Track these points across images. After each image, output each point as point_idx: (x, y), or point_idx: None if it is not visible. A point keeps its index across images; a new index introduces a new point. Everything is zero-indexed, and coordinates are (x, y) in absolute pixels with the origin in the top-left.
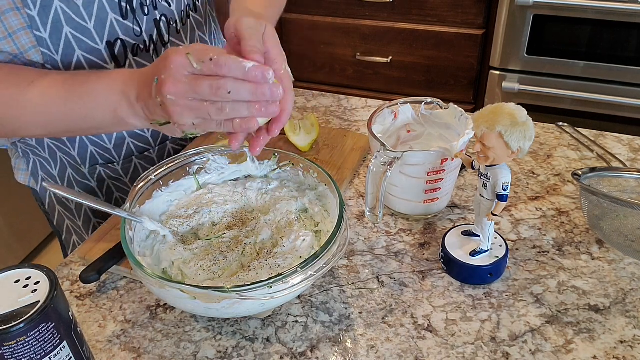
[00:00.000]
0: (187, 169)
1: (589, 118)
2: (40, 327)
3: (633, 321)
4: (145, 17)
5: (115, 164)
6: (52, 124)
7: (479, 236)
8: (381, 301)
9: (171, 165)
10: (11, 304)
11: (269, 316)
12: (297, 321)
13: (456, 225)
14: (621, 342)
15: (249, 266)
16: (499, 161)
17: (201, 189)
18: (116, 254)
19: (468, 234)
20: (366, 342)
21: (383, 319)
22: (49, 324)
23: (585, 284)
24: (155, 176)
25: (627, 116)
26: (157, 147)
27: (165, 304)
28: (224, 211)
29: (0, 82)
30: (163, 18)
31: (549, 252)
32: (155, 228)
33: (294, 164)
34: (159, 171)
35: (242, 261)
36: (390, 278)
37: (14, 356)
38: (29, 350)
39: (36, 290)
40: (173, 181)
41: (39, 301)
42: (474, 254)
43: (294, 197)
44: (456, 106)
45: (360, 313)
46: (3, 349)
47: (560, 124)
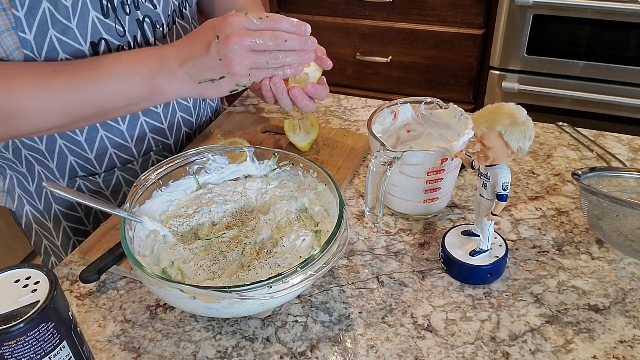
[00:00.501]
0: (187, 169)
1: (589, 118)
2: (40, 327)
3: (633, 321)
4: (127, 16)
5: (97, 176)
6: (76, 110)
7: (479, 236)
8: (381, 301)
9: (171, 165)
10: (11, 304)
11: (269, 316)
12: (297, 321)
13: (456, 225)
14: (621, 342)
15: (249, 266)
16: (499, 161)
17: (201, 189)
18: (116, 254)
19: (468, 234)
20: (366, 342)
21: (383, 319)
22: (49, 324)
23: (585, 284)
24: (155, 176)
25: (627, 116)
26: (141, 159)
27: (165, 304)
28: (224, 211)
29: (21, 74)
30: (147, 20)
31: (549, 252)
32: (155, 228)
33: (294, 164)
34: (159, 171)
35: (242, 261)
36: (390, 278)
37: (14, 356)
38: (29, 350)
39: (36, 290)
40: (173, 181)
41: (39, 301)
42: (474, 254)
43: (294, 197)
44: (456, 106)
45: (360, 313)
46: (3, 349)
47: (560, 124)
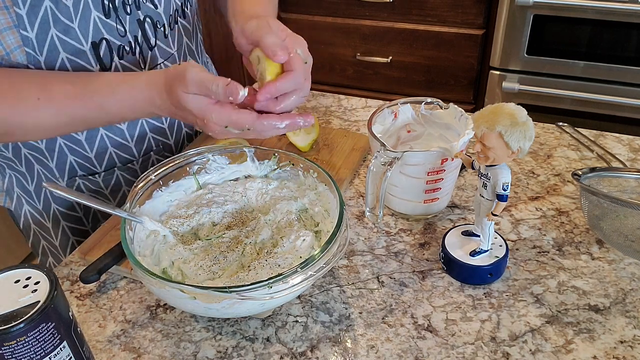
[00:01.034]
0: (187, 169)
1: (589, 118)
2: (40, 327)
3: (633, 321)
4: (128, 16)
5: (97, 175)
6: (73, 128)
7: (479, 236)
8: (381, 301)
9: (171, 165)
10: (11, 304)
11: (269, 316)
12: (297, 321)
13: (456, 225)
14: (621, 342)
15: (249, 266)
16: (499, 161)
17: (201, 189)
18: (116, 254)
19: (468, 234)
20: (366, 342)
21: (383, 319)
22: (49, 324)
23: (585, 284)
24: (155, 176)
25: (627, 116)
26: (141, 159)
27: (165, 304)
28: (224, 211)
29: (3, 99)
30: (148, 19)
31: (549, 252)
32: (155, 228)
33: (294, 164)
34: (159, 171)
35: (242, 261)
36: (390, 278)
37: (14, 356)
38: (29, 350)
39: (36, 290)
40: (173, 181)
41: (39, 301)
42: (474, 254)
43: (294, 197)
44: (456, 106)
45: (360, 313)
46: (3, 349)
47: (560, 124)
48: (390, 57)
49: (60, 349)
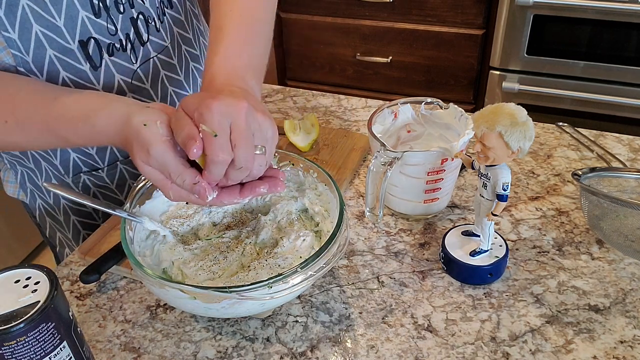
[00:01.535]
0: None
1: (589, 118)
2: (40, 327)
3: (633, 321)
4: (121, 15)
5: (100, 170)
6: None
7: (479, 236)
8: (381, 301)
9: None
10: (11, 304)
11: (269, 316)
12: (297, 321)
13: (456, 225)
14: (621, 342)
15: (249, 266)
16: (499, 161)
17: None
18: (116, 254)
19: (468, 234)
20: (366, 342)
21: (383, 319)
22: (49, 324)
23: (585, 284)
24: None
25: (627, 116)
26: None
27: (165, 304)
28: (224, 211)
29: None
30: (140, 16)
31: (549, 252)
32: (155, 228)
33: (294, 164)
34: None
35: (242, 261)
36: (390, 278)
37: (14, 356)
38: (29, 350)
39: (36, 290)
40: None
41: (39, 301)
42: (474, 254)
43: (294, 197)
44: (456, 106)
45: (360, 313)
46: (3, 349)
47: (560, 124)
48: (390, 57)
49: (60, 349)
